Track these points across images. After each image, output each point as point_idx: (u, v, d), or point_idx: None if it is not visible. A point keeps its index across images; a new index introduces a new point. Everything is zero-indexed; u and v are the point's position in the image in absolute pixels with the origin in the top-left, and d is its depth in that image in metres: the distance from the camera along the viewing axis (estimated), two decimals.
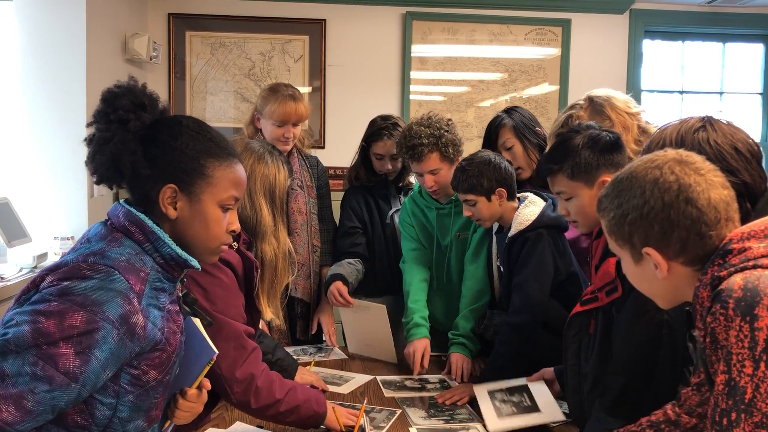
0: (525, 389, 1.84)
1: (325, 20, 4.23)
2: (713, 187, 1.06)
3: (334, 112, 4.26)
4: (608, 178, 1.65)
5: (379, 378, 2.18)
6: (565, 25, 4.37)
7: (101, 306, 1.07)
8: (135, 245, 1.19)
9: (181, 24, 4.16)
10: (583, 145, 1.67)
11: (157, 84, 4.14)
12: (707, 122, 1.31)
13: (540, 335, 2.03)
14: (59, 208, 3.02)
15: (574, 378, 1.62)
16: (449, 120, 2.35)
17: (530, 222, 2.07)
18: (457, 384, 2.10)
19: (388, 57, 4.30)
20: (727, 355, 0.97)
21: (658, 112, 4.66)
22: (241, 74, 4.22)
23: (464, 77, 4.37)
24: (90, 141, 1.22)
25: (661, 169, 1.08)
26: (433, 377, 2.19)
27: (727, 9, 4.47)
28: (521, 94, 4.40)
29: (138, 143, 1.20)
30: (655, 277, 1.11)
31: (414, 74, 4.31)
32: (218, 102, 4.22)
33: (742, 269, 1.00)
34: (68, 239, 2.94)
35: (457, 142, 2.31)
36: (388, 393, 2.04)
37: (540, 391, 1.83)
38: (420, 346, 2.23)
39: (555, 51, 4.40)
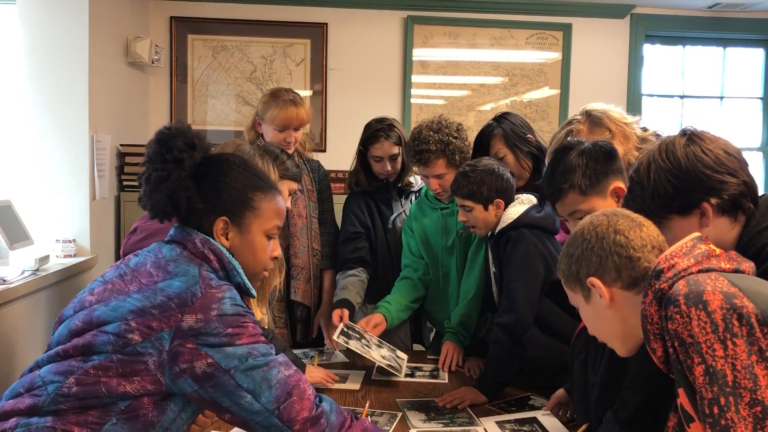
0: (534, 420, 1.83)
1: (326, 24, 4.24)
2: (640, 225, 1.25)
3: (336, 116, 4.27)
4: (619, 185, 1.66)
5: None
6: (566, 29, 4.38)
7: (248, 312, 1.26)
8: (212, 271, 1.29)
9: (183, 27, 4.17)
10: (586, 158, 1.67)
11: (159, 87, 4.16)
12: (691, 135, 1.35)
13: (536, 336, 2.03)
14: (61, 210, 3.02)
15: (581, 387, 1.62)
16: (459, 125, 2.35)
17: (512, 220, 2.08)
18: (447, 375, 2.18)
19: (390, 61, 4.31)
20: (697, 346, 1.04)
21: (658, 117, 4.67)
22: (243, 78, 4.23)
23: (465, 81, 4.38)
24: (147, 180, 1.31)
25: (596, 216, 1.29)
26: (427, 366, 2.26)
27: (727, 14, 4.48)
28: (522, 98, 4.41)
29: (191, 180, 1.30)
30: (604, 309, 1.25)
31: (415, 78, 4.32)
32: (219, 105, 4.23)
33: (681, 278, 1.12)
34: (70, 242, 2.95)
35: (465, 149, 2.32)
36: (376, 376, 2.14)
37: (549, 420, 1.82)
38: (374, 318, 2.33)
39: (556, 55, 4.40)
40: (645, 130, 2.07)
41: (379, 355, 2.13)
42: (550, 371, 2.03)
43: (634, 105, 4.47)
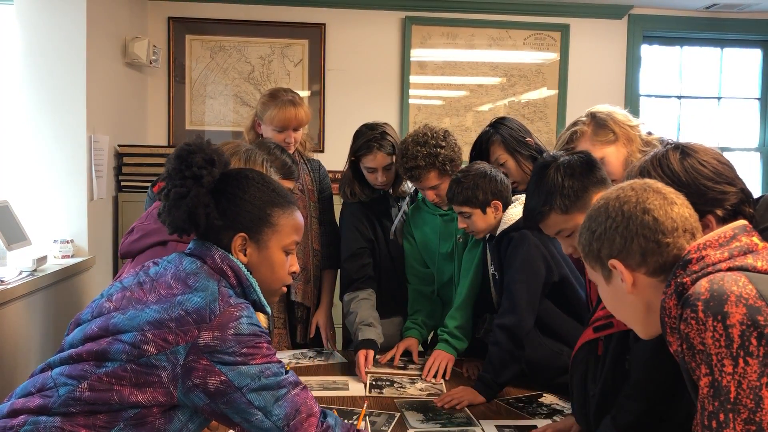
0: (534, 428, 1.82)
1: (324, 25, 4.24)
2: (671, 203, 1.15)
3: (334, 116, 4.27)
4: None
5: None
6: (564, 30, 4.39)
7: (264, 332, 1.27)
8: (229, 287, 1.30)
9: (180, 28, 4.17)
10: (562, 176, 1.64)
11: (157, 88, 4.16)
12: (682, 148, 1.33)
13: (536, 338, 2.04)
14: (59, 211, 3.02)
15: (580, 399, 1.62)
16: (445, 132, 2.31)
17: (514, 221, 2.08)
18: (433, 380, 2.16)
19: (388, 61, 4.32)
20: (707, 357, 1.00)
21: (656, 117, 4.68)
22: (241, 78, 4.23)
23: (463, 82, 4.38)
24: (167, 196, 1.32)
25: (623, 189, 1.19)
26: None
27: (725, 14, 4.49)
28: (520, 99, 4.41)
29: (209, 197, 1.32)
30: (625, 293, 1.17)
31: (413, 78, 4.33)
32: (217, 106, 4.23)
33: (705, 274, 1.05)
34: (68, 242, 2.94)
35: (455, 156, 2.29)
36: (372, 369, 2.18)
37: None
38: (403, 344, 2.35)
39: (554, 56, 4.41)
40: (650, 134, 2.07)
41: (417, 390, 2.09)
42: (550, 373, 2.03)
43: (631, 105, 4.48)
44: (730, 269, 1.05)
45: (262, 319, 1.84)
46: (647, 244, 1.13)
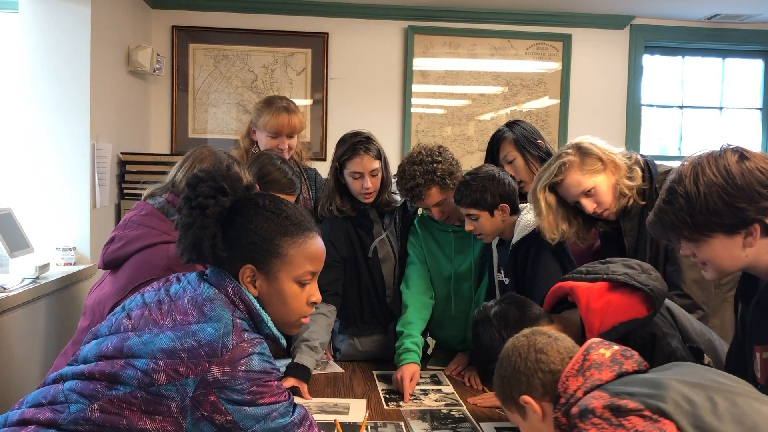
0: None
1: (327, 34, 4.26)
2: (557, 340, 1.35)
3: (336, 125, 4.27)
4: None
5: (375, 372, 2.30)
6: (566, 39, 4.40)
7: (275, 370, 1.26)
8: (243, 319, 1.28)
9: (184, 36, 4.18)
10: (497, 331, 1.69)
11: (160, 96, 4.16)
12: (741, 151, 1.33)
13: None
14: (62, 218, 3.01)
15: None
16: (440, 147, 2.31)
17: (532, 227, 2.07)
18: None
19: (390, 70, 4.33)
20: None
21: (658, 127, 4.68)
22: (244, 87, 4.24)
23: (465, 91, 4.39)
24: (177, 225, 1.32)
25: (517, 338, 1.40)
26: (425, 373, 2.26)
27: (726, 25, 4.50)
28: (522, 108, 4.42)
29: (218, 226, 1.29)
30: (540, 423, 1.31)
31: (415, 87, 4.33)
32: (220, 114, 4.24)
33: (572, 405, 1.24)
34: (70, 250, 2.94)
35: (453, 169, 2.28)
36: (381, 386, 2.16)
37: None
38: (408, 372, 2.15)
39: (556, 65, 4.42)
40: (629, 158, 2.06)
41: (433, 401, 2.07)
42: None
43: (633, 115, 4.49)
44: (585, 393, 1.23)
45: None
46: (545, 376, 1.30)
